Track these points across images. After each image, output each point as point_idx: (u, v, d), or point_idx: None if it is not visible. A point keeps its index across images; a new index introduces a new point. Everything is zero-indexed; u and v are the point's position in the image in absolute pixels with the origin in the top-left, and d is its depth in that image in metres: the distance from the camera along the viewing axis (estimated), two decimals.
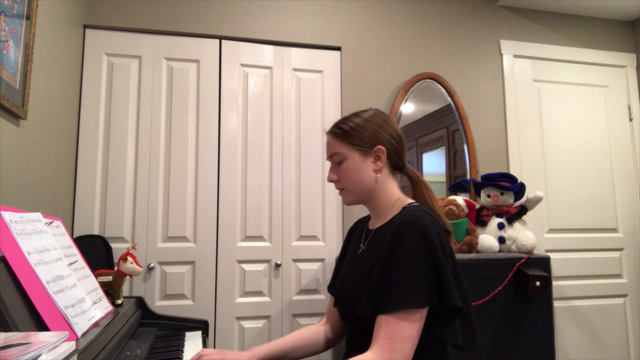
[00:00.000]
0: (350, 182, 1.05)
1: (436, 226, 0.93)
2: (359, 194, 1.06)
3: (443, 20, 2.46)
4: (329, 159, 1.08)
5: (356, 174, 1.03)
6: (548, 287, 1.75)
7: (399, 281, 0.88)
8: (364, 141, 1.03)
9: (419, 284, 0.87)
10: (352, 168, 1.03)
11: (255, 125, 2.13)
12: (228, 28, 2.14)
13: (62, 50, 1.72)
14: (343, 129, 1.05)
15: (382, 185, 1.05)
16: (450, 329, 0.90)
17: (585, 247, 2.48)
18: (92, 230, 1.91)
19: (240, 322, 2.01)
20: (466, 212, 1.93)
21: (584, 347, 2.37)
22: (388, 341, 0.85)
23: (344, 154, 1.04)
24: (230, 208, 2.05)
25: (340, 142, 1.05)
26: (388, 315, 0.87)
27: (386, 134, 1.05)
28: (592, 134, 2.59)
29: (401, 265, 0.88)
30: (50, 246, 0.97)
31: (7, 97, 1.23)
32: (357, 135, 1.04)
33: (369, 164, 1.04)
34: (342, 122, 1.07)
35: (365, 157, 1.04)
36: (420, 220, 0.91)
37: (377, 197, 1.06)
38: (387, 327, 0.86)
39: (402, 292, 0.86)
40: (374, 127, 1.04)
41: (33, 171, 1.46)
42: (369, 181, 1.04)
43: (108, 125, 1.98)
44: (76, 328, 0.86)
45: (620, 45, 2.73)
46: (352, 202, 1.08)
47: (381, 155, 1.04)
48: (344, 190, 1.07)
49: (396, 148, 1.06)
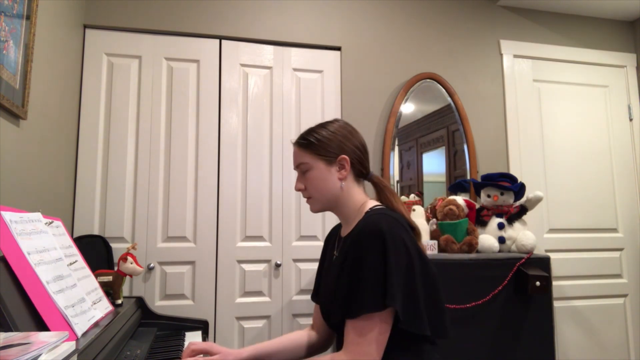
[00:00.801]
0: (316, 191, 1.09)
1: (393, 226, 0.95)
2: (325, 202, 1.09)
3: (443, 20, 2.46)
4: (296, 168, 1.12)
5: (321, 183, 1.07)
6: (548, 287, 1.75)
7: (357, 286, 0.92)
8: (328, 151, 1.07)
9: (375, 287, 0.90)
10: (318, 177, 1.07)
11: (255, 125, 2.13)
12: (228, 28, 2.14)
13: (62, 50, 1.72)
14: (309, 139, 1.09)
15: (347, 192, 1.09)
16: (413, 319, 0.91)
17: (585, 247, 2.48)
18: (92, 230, 1.91)
19: (240, 322, 2.01)
20: (466, 212, 1.93)
21: (584, 347, 2.37)
22: (354, 345, 0.91)
23: (309, 164, 1.08)
24: (230, 208, 2.05)
25: (306, 153, 1.09)
26: (352, 320, 0.92)
27: (350, 144, 1.09)
28: (592, 134, 2.59)
29: (358, 271, 0.93)
30: (50, 246, 0.97)
31: (7, 97, 1.23)
32: (321, 145, 1.07)
33: (333, 172, 1.07)
34: (307, 133, 1.11)
35: (330, 166, 1.07)
36: (376, 224, 0.95)
37: (343, 204, 1.09)
38: (352, 331, 0.92)
39: (361, 297, 0.91)
40: (338, 138, 1.08)
41: (33, 171, 1.46)
42: (334, 189, 1.08)
43: (108, 125, 1.98)
44: (76, 328, 0.86)
45: (620, 45, 2.73)
46: (319, 209, 1.12)
47: (345, 164, 1.07)
48: (310, 198, 1.11)
49: (360, 157, 1.10)
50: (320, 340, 1.21)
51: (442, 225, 1.92)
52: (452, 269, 1.75)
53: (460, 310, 1.71)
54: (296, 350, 1.18)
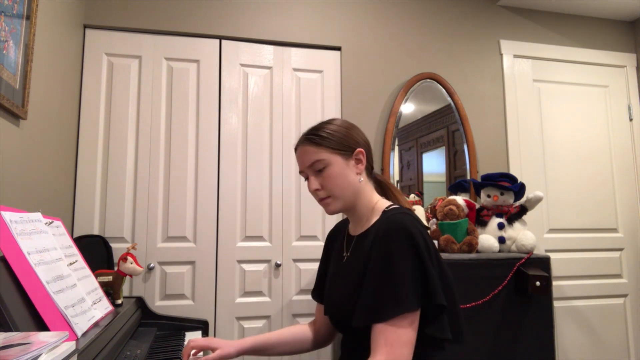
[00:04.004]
0: (337, 189, 1.01)
1: (417, 226, 0.94)
2: (347, 199, 1.02)
3: (443, 20, 2.46)
4: (308, 168, 1.04)
5: (342, 179, 1.01)
6: (548, 287, 1.75)
7: (389, 288, 0.88)
8: (344, 145, 1.02)
9: (409, 288, 0.87)
10: (338, 173, 1.00)
11: (255, 125, 2.13)
12: (228, 28, 2.14)
13: (62, 50, 1.72)
14: (321, 135, 1.02)
15: (363, 188, 1.04)
16: (439, 325, 0.91)
17: (585, 247, 2.48)
18: (92, 230, 1.91)
19: (240, 322, 2.01)
20: (466, 212, 1.93)
21: (584, 347, 2.37)
22: (389, 348, 0.86)
23: (326, 160, 1.01)
24: (230, 208, 2.05)
25: (320, 149, 1.01)
26: (384, 324, 0.87)
27: (360, 138, 1.06)
28: (592, 134, 2.59)
29: (390, 272, 0.89)
30: (50, 246, 0.97)
31: (7, 97, 1.23)
32: (337, 139, 1.02)
33: (352, 167, 1.02)
34: (315, 129, 1.05)
35: (348, 160, 1.02)
36: (402, 223, 0.92)
37: (360, 201, 1.04)
38: (384, 334, 0.87)
39: (394, 299, 0.87)
40: (349, 132, 1.05)
41: (33, 171, 1.46)
42: (354, 185, 1.02)
43: (108, 125, 1.98)
44: (76, 328, 0.86)
45: (620, 45, 2.73)
46: (340, 209, 1.04)
47: (362, 158, 1.03)
48: (329, 198, 1.02)
49: (369, 151, 1.07)
50: (321, 337, 1.20)
51: (442, 225, 1.92)
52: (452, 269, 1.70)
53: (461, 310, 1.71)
54: (297, 344, 1.17)
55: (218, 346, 1.05)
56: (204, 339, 1.07)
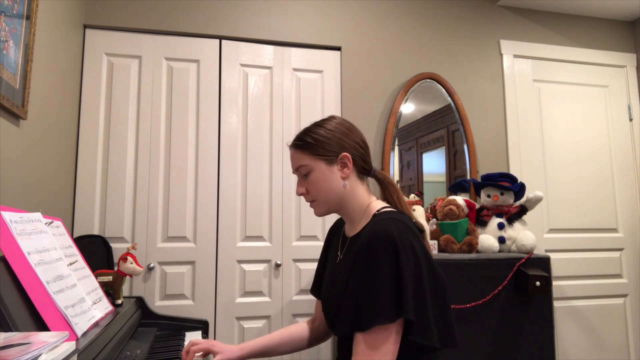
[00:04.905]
0: (320, 193, 1.03)
1: (402, 233, 0.91)
2: (330, 203, 1.04)
3: (443, 20, 2.46)
4: (295, 172, 1.07)
5: (324, 184, 1.02)
6: (548, 287, 1.75)
7: (368, 298, 0.87)
8: (328, 150, 1.02)
9: (388, 298, 0.86)
10: (320, 178, 1.02)
11: (255, 125, 2.13)
12: (228, 28, 2.14)
13: (62, 50, 1.72)
14: (306, 140, 1.04)
15: (351, 192, 1.04)
16: (423, 330, 0.88)
17: (585, 247, 2.48)
18: (92, 230, 1.91)
19: (240, 322, 2.01)
20: (466, 212, 1.93)
21: (584, 347, 2.37)
22: (367, 358, 0.86)
23: (309, 166, 1.03)
24: (230, 208, 2.05)
25: (304, 154, 1.04)
26: (362, 334, 0.87)
27: (350, 141, 1.04)
28: (592, 134, 2.59)
29: (370, 282, 0.88)
30: (50, 246, 0.97)
31: (7, 97, 1.23)
32: (320, 145, 1.02)
33: (335, 172, 1.02)
34: (304, 133, 1.06)
35: (331, 165, 1.02)
36: (386, 231, 0.90)
37: (348, 204, 1.04)
38: (364, 344, 0.87)
39: (373, 309, 0.86)
40: (337, 135, 1.03)
41: (33, 171, 1.46)
42: (337, 190, 1.03)
43: (108, 125, 1.98)
44: (76, 328, 0.86)
45: (620, 45, 2.73)
46: (324, 212, 1.06)
47: (347, 162, 1.03)
48: (314, 202, 1.06)
49: (361, 153, 1.06)
50: (321, 333, 1.21)
51: (442, 225, 1.92)
52: (452, 269, 1.75)
53: (461, 310, 1.71)
54: (296, 344, 1.18)
55: (219, 351, 1.05)
56: (205, 340, 1.07)
